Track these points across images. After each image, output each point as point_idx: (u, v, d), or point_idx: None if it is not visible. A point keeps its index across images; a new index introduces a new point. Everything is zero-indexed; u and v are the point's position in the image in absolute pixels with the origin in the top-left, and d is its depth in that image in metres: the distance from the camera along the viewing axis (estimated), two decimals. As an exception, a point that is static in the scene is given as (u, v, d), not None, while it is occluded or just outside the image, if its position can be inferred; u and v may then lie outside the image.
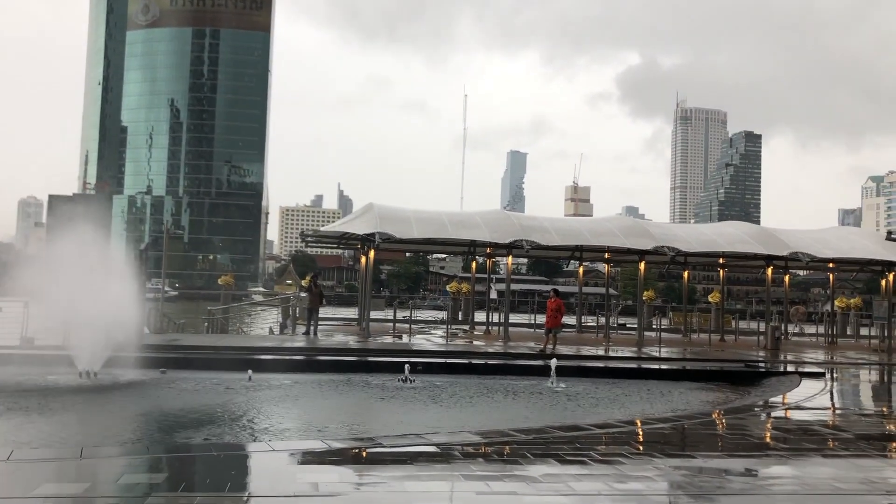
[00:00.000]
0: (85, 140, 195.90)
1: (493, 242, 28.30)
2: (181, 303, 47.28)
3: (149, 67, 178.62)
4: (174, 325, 27.90)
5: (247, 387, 15.41)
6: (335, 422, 12.47)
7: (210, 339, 23.61)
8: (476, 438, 9.81)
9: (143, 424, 11.76)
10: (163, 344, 20.29)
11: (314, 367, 18.73)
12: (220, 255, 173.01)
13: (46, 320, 19.25)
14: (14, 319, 19.85)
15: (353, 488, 7.21)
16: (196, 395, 14.34)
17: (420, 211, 29.65)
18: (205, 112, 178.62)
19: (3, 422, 11.21)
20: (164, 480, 7.47)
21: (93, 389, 14.61)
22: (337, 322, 34.47)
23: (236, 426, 11.74)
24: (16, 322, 19.79)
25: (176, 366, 17.23)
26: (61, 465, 8.12)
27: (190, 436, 10.70)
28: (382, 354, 21.35)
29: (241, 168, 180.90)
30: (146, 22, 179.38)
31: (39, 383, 14.87)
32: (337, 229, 29.86)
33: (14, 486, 7.03)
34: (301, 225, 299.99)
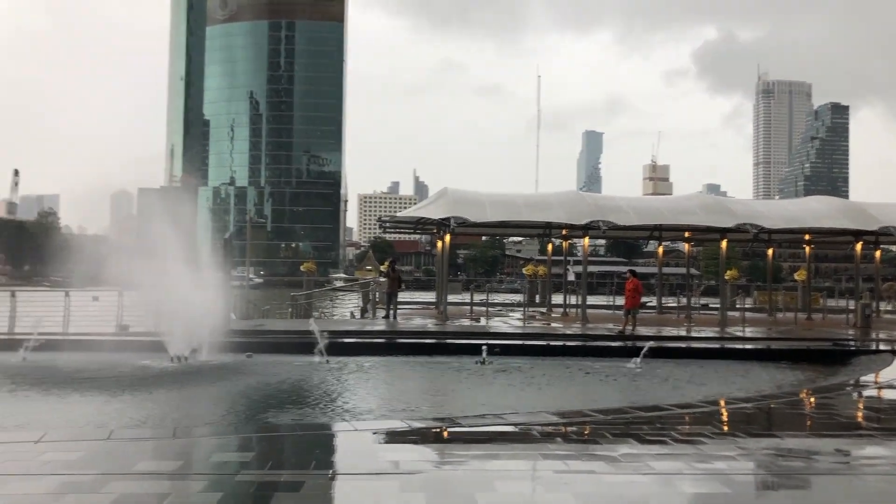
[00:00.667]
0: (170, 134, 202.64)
1: (568, 224, 28.06)
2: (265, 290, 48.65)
3: (228, 61, 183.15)
4: (259, 311, 28.74)
5: (328, 369, 15.79)
6: (415, 403, 12.68)
7: (294, 324, 24.24)
8: (554, 419, 9.83)
9: (231, 405, 12.21)
10: (248, 329, 20.95)
11: (394, 349, 19.02)
12: (302, 242, 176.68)
13: (140, 308, 20.17)
14: (110, 308, 20.85)
15: (433, 466, 7.35)
16: (280, 378, 14.77)
17: (494, 194, 29.62)
18: (283, 103, 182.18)
19: (103, 403, 11.82)
20: (253, 458, 7.77)
21: (183, 373, 15.23)
22: (415, 306, 34.85)
23: (319, 407, 12.07)
24: (112, 310, 20.78)
25: (261, 350, 17.77)
26: (156, 444, 8.54)
27: (276, 416, 11.06)
28: (460, 337, 21.51)
29: (320, 157, 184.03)
30: (224, 17, 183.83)
31: (134, 367, 15.57)
32: (413, 215, 30.14)
33: (114, 464, 7.43)
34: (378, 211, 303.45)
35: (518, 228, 35.16)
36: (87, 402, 11.94)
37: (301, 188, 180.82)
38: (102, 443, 8.22)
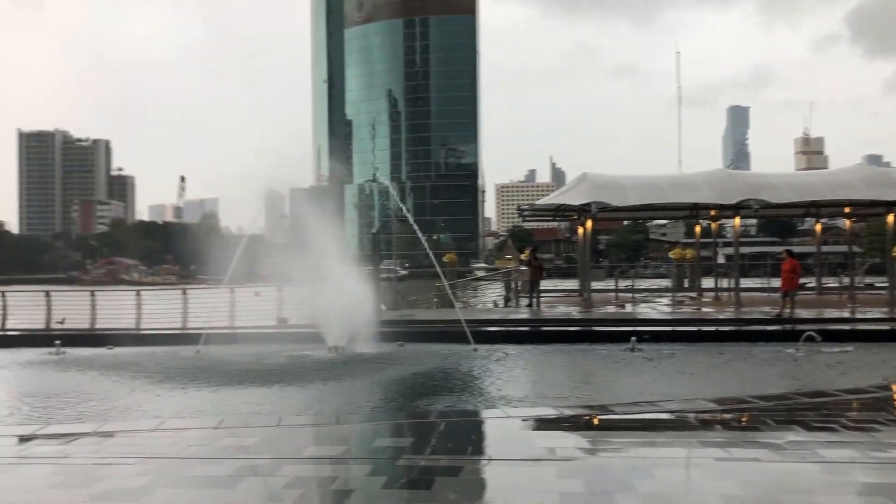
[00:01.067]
0: (316, 135, 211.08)
1: (717, 204, 26.98)
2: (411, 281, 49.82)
3: (366, 62, 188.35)
4: (407, 302, 29.54)
5: (476, 357, 16.04)
6: (564, 390, 12.68)
7: (440, 314, 24.76)
8: (712, 406, 9.56)
9: (387, 393, 12.68)
10: (398, 319, 21.59)
11: (539, 337, 19.05)
12: (443, 234, 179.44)
13: (298, 302, 21.25)
14: (271, 302, 22.10)
15: (588, 454, 7.35)
16: (431, 366, 15.17)
17: (636, 177, 28.94)
18: (420, 99, 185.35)
19: (270, 392, 12.59)
20: (411, 444, 8.07)
21: (341, 362, 15.93)
22: (558, 293, 34.65)
23: (470, 394, 12.32)
24: (272, 304, 22.02)
25: (412, 339, 18.30)
26: (322, 430, 9.03)
27: (430, 403, 11.39)
28: (606, 324, 21.24)
29: (457, 150, 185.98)
30: (361, 18, 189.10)
31: (295, 358, 16.45)
32: (552, 202, 29.96)
33: (286, 448, 7.93)
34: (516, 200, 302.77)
35: (663, 211, 34.16)
36: (255, 390, 12.75)
37: (440, 181, 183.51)
38: (273, 429, 8.78)
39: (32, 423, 10.26)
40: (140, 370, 15.27)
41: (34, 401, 12.48)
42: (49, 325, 22.74)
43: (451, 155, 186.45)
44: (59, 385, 13.69)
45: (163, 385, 13.47)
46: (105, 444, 8.19)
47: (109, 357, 17.63)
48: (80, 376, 14.66)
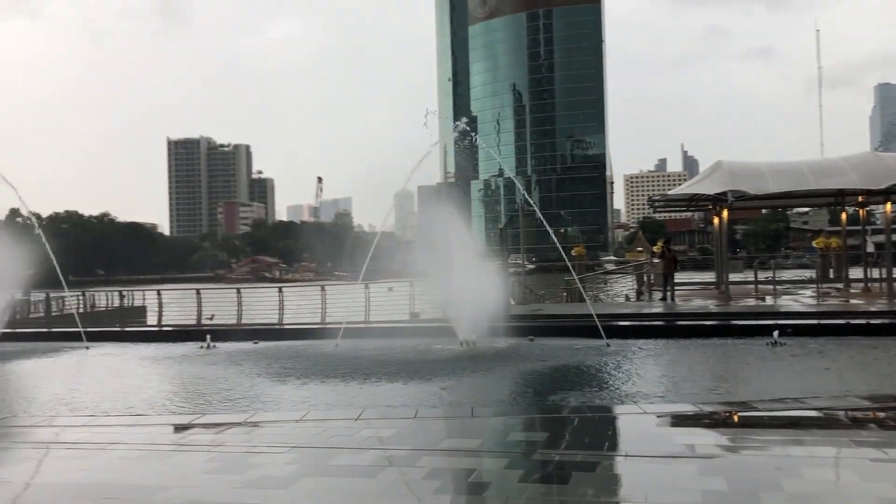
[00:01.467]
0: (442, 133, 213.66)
1: (864, 189, 25.28)
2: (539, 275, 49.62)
3: (490, 57, 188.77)
4: (535, 296, 29.48)
5: (608, 352, 15.81)
6: (701, 386, 12.30)
7: (570, 308, 24.56)
8: (865, 403, 9.04)
9: (520, 387, 12.72)
10: (528, 314, 21.60)
11: (674, 331, 18.56)
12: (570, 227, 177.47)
13: (429, 296, 21.68)
14: (403, 297, 22.68)
15: (730, 451, 7.13)
16: (563, 360, 15.09)
17: (775, 163, 27.55)
18: (545, 91, 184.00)
19: (405, 384, 12.91)
20: (546, 439, 8.08)
21: (472, 356, 16.11)
22: (693, 286, 33.57)
23: (604, 389, 12.17)
24: (405, 299, 22.58)
25: (541, 333, 18.27)
26: (457, 423, 9.20)
27: (563, 398, 11.34)
28: (746, 317, 20.41)
29: (584, 141, 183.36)
30: (484, 14, 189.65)
31: (428, 351, 16.77)
32: (685, 191, 29.03)
33: (423, 440, 8.14)
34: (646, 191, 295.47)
35: (805, 198, 32.38)
36: (391, 383, 13.11)
37: (566, 174, 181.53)
38: (410, 421, 9.03)
39: (188, 414, 11.00)
40: (284, 363, 16.04)
41: (189, 392, 13.37)
42: (200, 321, 24.28)
43: (578, 147, 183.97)
44: (211, 378, 14.58)
45: (305, 378, 14.08)
46: (254, 433, 8.69)
47: (255, 351, 18.61)
48: (229, 369, 15.54)
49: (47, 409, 12.16)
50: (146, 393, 13.25)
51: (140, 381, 14.81)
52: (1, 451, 8.60)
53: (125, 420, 10.09)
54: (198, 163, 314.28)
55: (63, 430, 9.51)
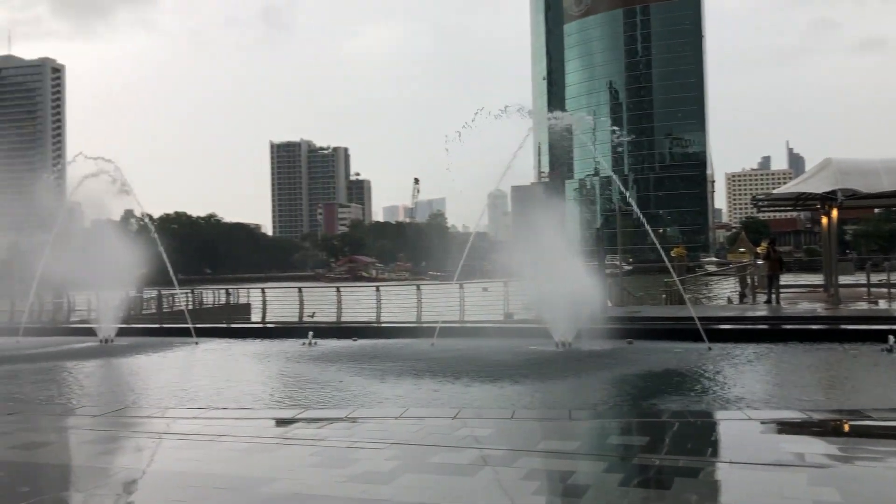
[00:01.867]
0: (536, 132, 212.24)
1: None
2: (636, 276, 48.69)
3: (586, 55, 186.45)
4: (633, 298, 28.95)
5: (709, 357, 15.38)
6: (809, 392, 11.82)
7: (670, 311, 24.01)
8: None
9: (619, 390, 12.53)
10: (625, 316, 21.22)
11: (780, 335, 17.85)
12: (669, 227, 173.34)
13: (524, 297, 21.61)
14: (498, 297, 22.70)
15: (843, 461, 6.82)
16: (663, 364, 14.76)
17: (889, 160, 26.12)
18: (642, 89, 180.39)
19: (502, 385, 12.92)
20: (647, 443, 7.93)
21: (569, 358, 15.97)
22: (799, 289, 32.22)
23: (706, 394, 11.85)
24: (499, 299, 22.59)
25: (640, 336, 17.92)
26: (555, 425, 9.15)
27: (662, 402, 11.10)
28: (858, 321, 19.45)
29: (683, 139, 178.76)
30: (580, 12, 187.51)
31: (524, 352, 16.71)
32: (791, 190, 27.91)
33: (521, 440, 8.14)
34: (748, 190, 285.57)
35: (923, 197, 30.55)
36: (487, 383, 13.15)
37: (665, 172, 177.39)
38: (508, 421, 9.04)
39: (292, 408, 11.36)
40: (382, 361, 16.34)
41: (292, 388, 13.79)
42: (301, 319, 24.99)
43: (677, 145, 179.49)
44: (313, 374, 14.99)
45: (403, 375, 14.29)
46: (356, 429, 8.88)
47: (354, 348, 19.02)
48: (330, 366, 15.94)
49: (160, 401, 12.81)
50: (252, 387, 13.75)
51: (246, 375, 15.38)
52: (119, 440, 9.10)
53: (233, 413, 10.50)
54: (299, 165, 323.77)
55: (175, 421, 9.98)
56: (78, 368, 17.50)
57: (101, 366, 18.11)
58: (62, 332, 24.92)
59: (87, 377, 16.24)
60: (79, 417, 10.62)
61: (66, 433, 9.76)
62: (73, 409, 11.94)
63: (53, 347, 21.57)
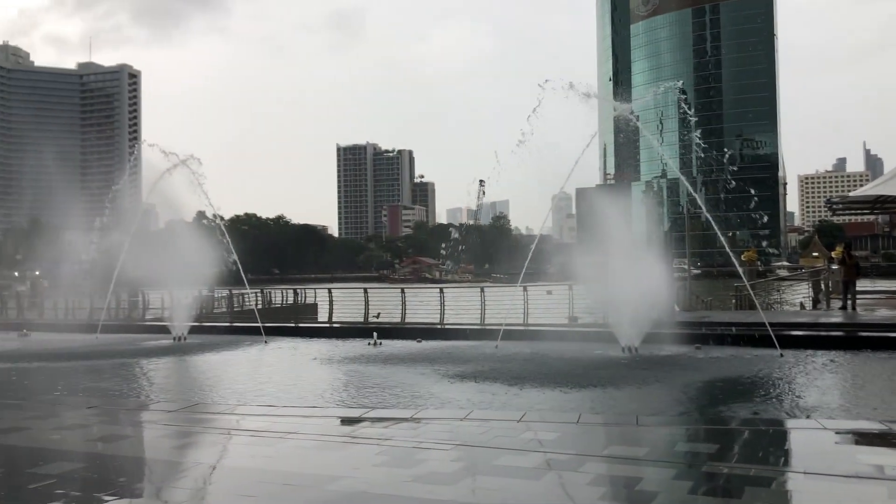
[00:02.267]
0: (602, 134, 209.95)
1: None
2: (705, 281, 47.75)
3: (653, 56, 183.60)
4: (702, 303, 28.37)
5: (781, 363, 14.96)
6: (888, 402, 11.39)
7: (740, 316, 23.43)
8: None
9: (687, 397, 12.28)
10: (694, 321, 20.81)
11: (855, 343, 17.26)
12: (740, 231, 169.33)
13: (589, 301, 21.41)
14: (562, 301, 22.53)
15: (925, 474, 6.56)
16: (732, 370, 14.42)
17: (979, 161, 24.98)
18: (711, 89, 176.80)
19: (568, 389, 12.81)
20: (717, 451, 7.75)
21: (635, 363, 15.74)
22: (878, 295, 31.07)
23: (777, 402, 11.53)
24: (563, 303, 22.43)
25: (709, 342, 17.55)
26: (621, 430, 9.04)
27: (732, 409, 10.85)
28: (942, 330, 18.62)
29: (753, 140, 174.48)
30: (647, 12, 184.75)
31: (589, 357, 16.55)
32: (869, 193, 27.02)
33: (586, 445, 8.08)
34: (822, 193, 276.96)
35: None
36: (552, 387, 13.05)
37: (735, 174, 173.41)
38: (573, 426, 8.98)
39: (358, 407, 11.50)
40: (446, 363, 16.39)
41: (358, 387, 13.96)
42: (367, 319, 25.28)
43: (747, 146, 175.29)
44: (378, 374, 15.15)
45: (467, 378, 14.32)
46: (420, 429, 8.95)
47: (419, 349, 19.14)
48: (395, 367, 16.09)
49: (230, 398, 13.14)
50: (318, 386, 13.99)
51: (312, 374, 15.64)
52: (192, 435, 9.37)
53: (300, 411, 10.70)
54: (364, 168, 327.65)
55: (244, 418, 10.22)
56: (153, 365, 18.08)
57: (174, 363, 18.67)
58: (137, 329, 25.78)
59: (162, 374, 16.76)
60: (154, 413, 10.98)
61: (143, 427, 10.11)
62: (148, 405, 12.34)
63: (129, 345, 22.34)
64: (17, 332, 26.94)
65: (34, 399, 12.65)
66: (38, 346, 22.61)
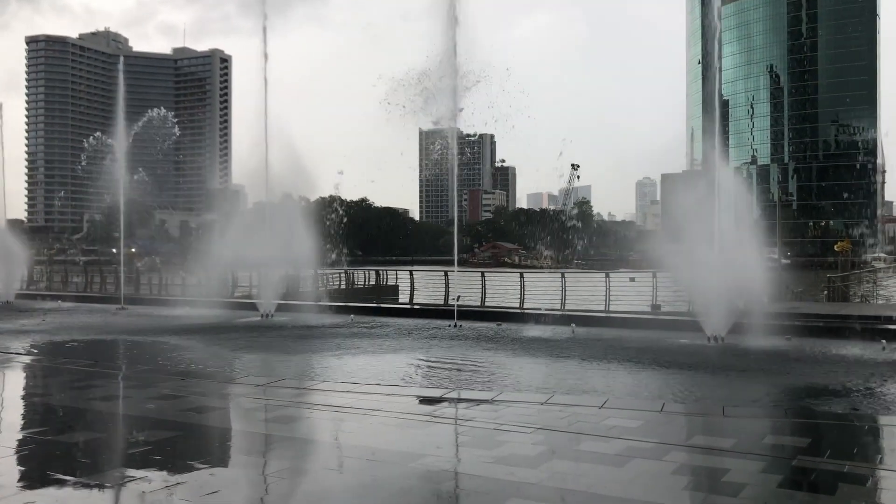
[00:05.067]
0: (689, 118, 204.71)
1: None
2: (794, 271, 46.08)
3: (744, 38, 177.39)
4: (792, 294, 27.42)
5: (879, 357, 14.34)
6: None
7: (832, 307, 22.56)
8: None
9: (776, 388, 11.91)
10: (783, 312, 20.12)
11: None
12: (833, 220, 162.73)
13: (673, 288, 20.97)
14: (645, 288, 22.15)
15: None
16: (827, 363, 13.88)
17: None
18: (806, 73, 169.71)
19: (649, 377, 12.61)
20: (808, 445, 7.53)
21: (722, 353, 15.33)
22: None
23: (874, 396, 11.04)
24: (647, 290, 22.04)
25: (800, 333, 16.96)
26: (707, 420, 8.87)
27: (824, 403, 10.42)
28: None
29: (850, 126, 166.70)
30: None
31: (672, 345, 16.22)
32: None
33: (671, 434, 7.95)
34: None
35: None
36: (635, 374, 12.90)
37: (829, 161, 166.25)
38: (657, 414, 8.84)
39: (439, 388, 11.61)
40: (525, 347, 16.39)
41: (438, 368, 14.08)
42: (447, 301, 25.44)
43: (843, 132, 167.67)
44: (458, 355, 15.25)
45: (547, 362, 14.28)
46: (501, 411, 8.97)
47: (498, 332, 19.17)
48: (475, 348, 16.16)
49: (316, 374, 13.49)
50: (400, 365, 14.18)
51: (394, 354, 15.85)
52: (280, 408, 9.65)
53: (383, 389, 10.87)
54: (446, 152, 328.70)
55: (330, 394, 10.46)
56: (242, 340, 18.65)
57: (260, 338, 19.20)
58: (228, 306, 26.62)
59: (250, 349, 17.28)
60: (244, 386, 11.35)
61: (233, 400, 10.47)
62: (238, 378, 12.76)
63: (220, 320, 23.10)
64: (115, 305, 28.26)
65: (132, 370, 13.26)
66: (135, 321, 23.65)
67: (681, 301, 21.08)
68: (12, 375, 13.08)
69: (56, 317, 24.64)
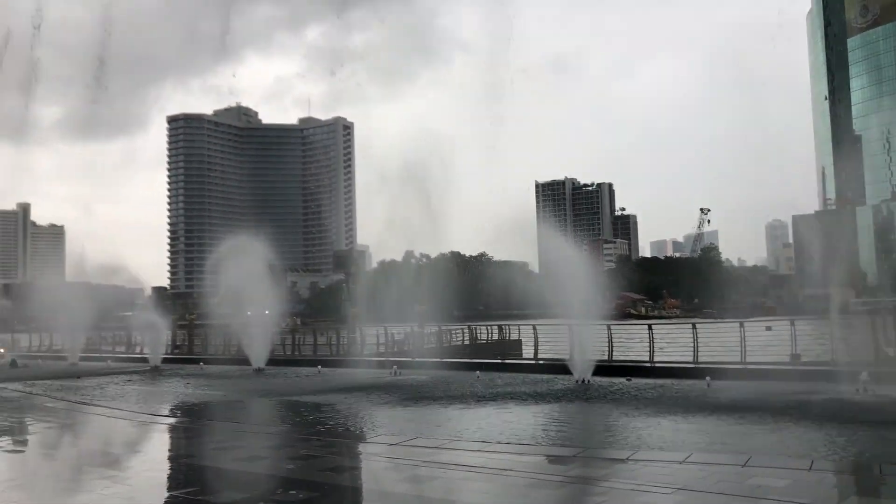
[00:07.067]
0: (819, 156, 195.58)
1: None
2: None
3: (874, 70, 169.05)
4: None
5: None
6: None
7: None
8: None
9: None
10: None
11: None
12: None
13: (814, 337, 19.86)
14: (783, 337, 21.07)
15: None
16: None
17: None
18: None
19: (795, 432, 11.93)
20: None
21: (874, 404, 14.31)
22: None
23: None
24: (785, 339, 20.96)
25: None
26: (860, 479, 8.30)
27: None
28: None
29: None
30: (866, 24, 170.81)
31: (817, 396, 15.19)
32: None
33: (823, 495, 7.47)
34: None
35: None
36: (778, 429, 12.24)
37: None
38: (805, 472, 8.35)
39: (570, 447, 11.41)
40: (658, 402, 15.89)
41: (568, 425, 13.87)
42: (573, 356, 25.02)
43: None
44: (588, 412, 15.02)
45: (681, 418, 13.79)
46: (638, 471, 8.72)
47: (628, 387, 18.70)
48: (605, 405, 15.86)
49: (446, 432, 13.55)
50: (528, 423, 14.03)
51: (521, 410, 15.71)
52: (412, 468, 9.72)
53: (513, 448, 10.79)
54: (563, 202, 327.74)
55: (460, 453, 10.46)
56: (372, 400, 18.92)
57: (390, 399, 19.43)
58: (356, 364, 27.20)
59: (380, 407, 17.55)
60: (376, 445, 11.56)
61: (365, 460, 10.67)
62: (369, 437, 13.00)
63: (350, 378, 23.61)
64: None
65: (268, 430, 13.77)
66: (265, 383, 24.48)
67: (822, 349, 19.94)
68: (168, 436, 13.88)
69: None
